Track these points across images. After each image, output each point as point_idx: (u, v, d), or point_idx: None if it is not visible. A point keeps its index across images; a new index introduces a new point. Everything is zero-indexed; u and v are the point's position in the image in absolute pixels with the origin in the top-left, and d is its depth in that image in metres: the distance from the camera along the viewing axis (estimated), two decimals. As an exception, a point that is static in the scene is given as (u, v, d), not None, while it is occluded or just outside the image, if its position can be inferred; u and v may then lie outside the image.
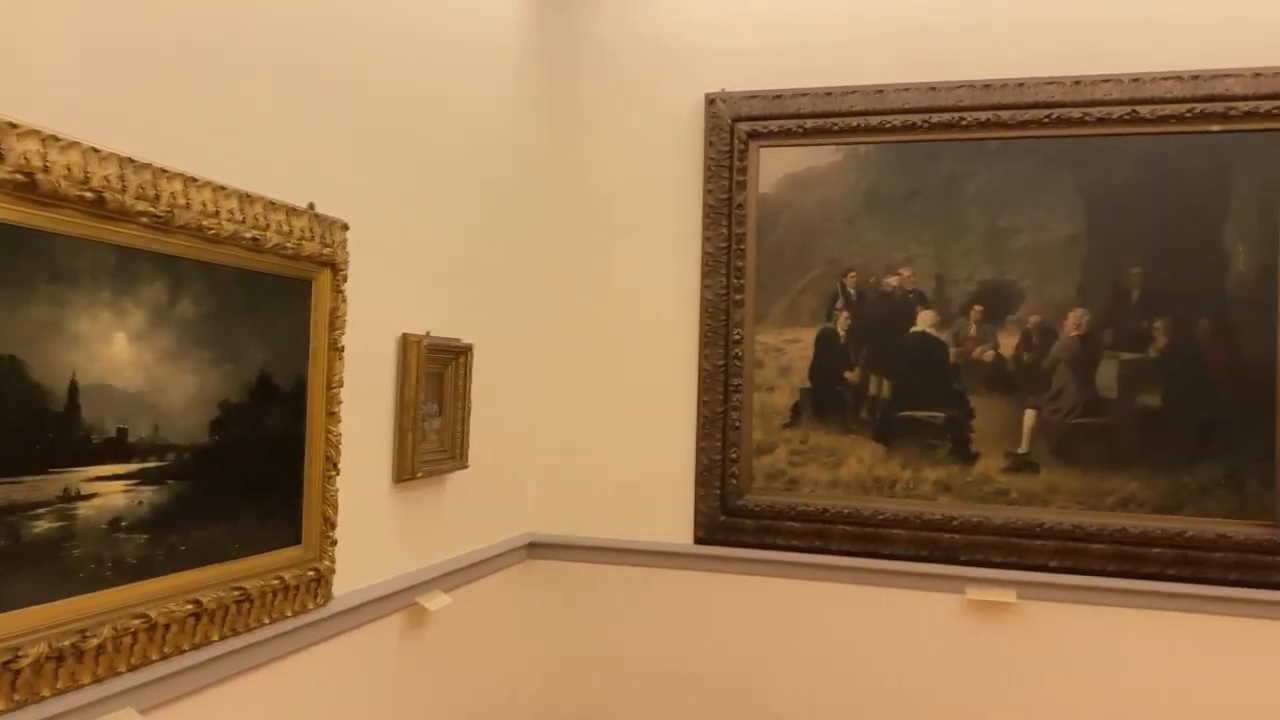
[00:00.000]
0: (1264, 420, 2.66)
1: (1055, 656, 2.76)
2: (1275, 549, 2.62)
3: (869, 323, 2.96)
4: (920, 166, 2.92)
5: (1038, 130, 2.82)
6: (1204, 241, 2.72)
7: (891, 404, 2.94)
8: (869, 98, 2.94)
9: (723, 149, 3.04)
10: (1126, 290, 2.77)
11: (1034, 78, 2.82)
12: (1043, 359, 2.82)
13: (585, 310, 3.18)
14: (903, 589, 2.89)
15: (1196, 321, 2.72)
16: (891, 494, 2.92)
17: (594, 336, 3.17)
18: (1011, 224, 2.86)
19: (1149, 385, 2.74)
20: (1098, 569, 2.73)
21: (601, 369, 3.15)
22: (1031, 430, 2.82)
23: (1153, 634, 2.70)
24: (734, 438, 3.02)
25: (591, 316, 3.17)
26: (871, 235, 2.97)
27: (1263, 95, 2.66)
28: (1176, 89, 2.72)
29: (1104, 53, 2.78)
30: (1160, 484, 2.72)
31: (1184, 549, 2.68)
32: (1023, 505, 2.81)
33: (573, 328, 3.19)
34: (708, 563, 3.04)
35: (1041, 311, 2.83)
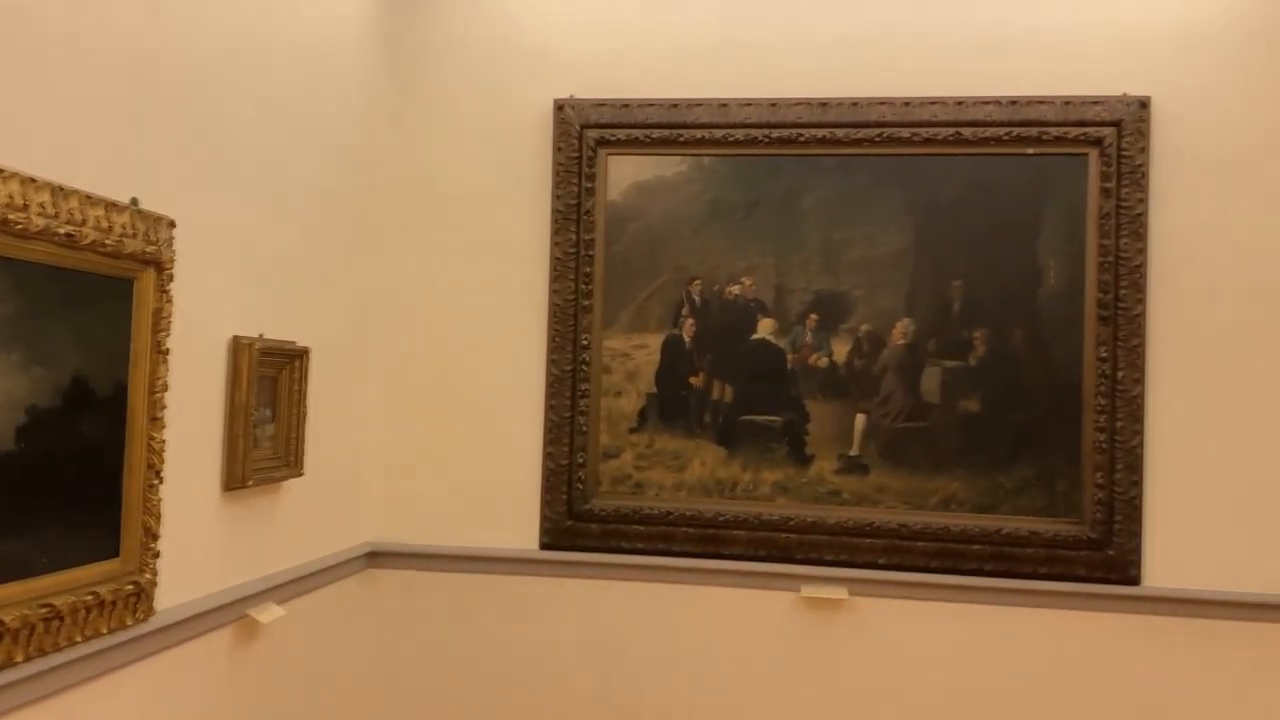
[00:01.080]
0: (1072, 424, 2.86)
1: (883, 650, 2.90)
2: (1081, 545, 2.82)
3: (713, 329, 3.04)
4: (762, 179, 3.02)
5: (870, 148, 2.95)
6: (1020, 257, 2.91)
7: (733, 408, 3.02)
8: (713, 111, 3.02)
9: (571, 155, 3.06)
10: (949, 302, 2.93)
11: (867, 98, 2.95)
12: (873, 365, 2.96)
13: (431, 314, 3.14)
14: (742, 588, 2.97)
15: (1012, 332, 2.90)
16: (733, 496, 3.00)
17: (439, 340, 3.13)
18: (846, 237, 2.98)
19: (969, 391, 2.91)
20: (922, 566, 2.88)
21: (447, 374, 3.12)
22: (862, 433, 2.95)
23: (971, 627, 2.86)
24: (581, 442, 3.04)
25: (437, 320, 3.14)
26: (716, 244, 3.04)
27: (1071, 122, 2.87)
28: (996, 113, 2.90)
29: (932, 76, 2.94)
30: (979, 484, 2.89)
31: (1000, 546, 2.85)
32: (854, 505, 2.93)
33: (417, 331, 3.14)
34: (554, 568, 3.05)
35: (872, 320, 2.96)
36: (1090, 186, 2.86)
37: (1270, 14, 2.82)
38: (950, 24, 2.95)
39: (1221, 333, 2.81)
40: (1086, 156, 2.86)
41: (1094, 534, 2.81)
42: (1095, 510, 2.81)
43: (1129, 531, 2.79)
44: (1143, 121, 2.83)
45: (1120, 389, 2.81)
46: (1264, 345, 2.79)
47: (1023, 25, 2.92)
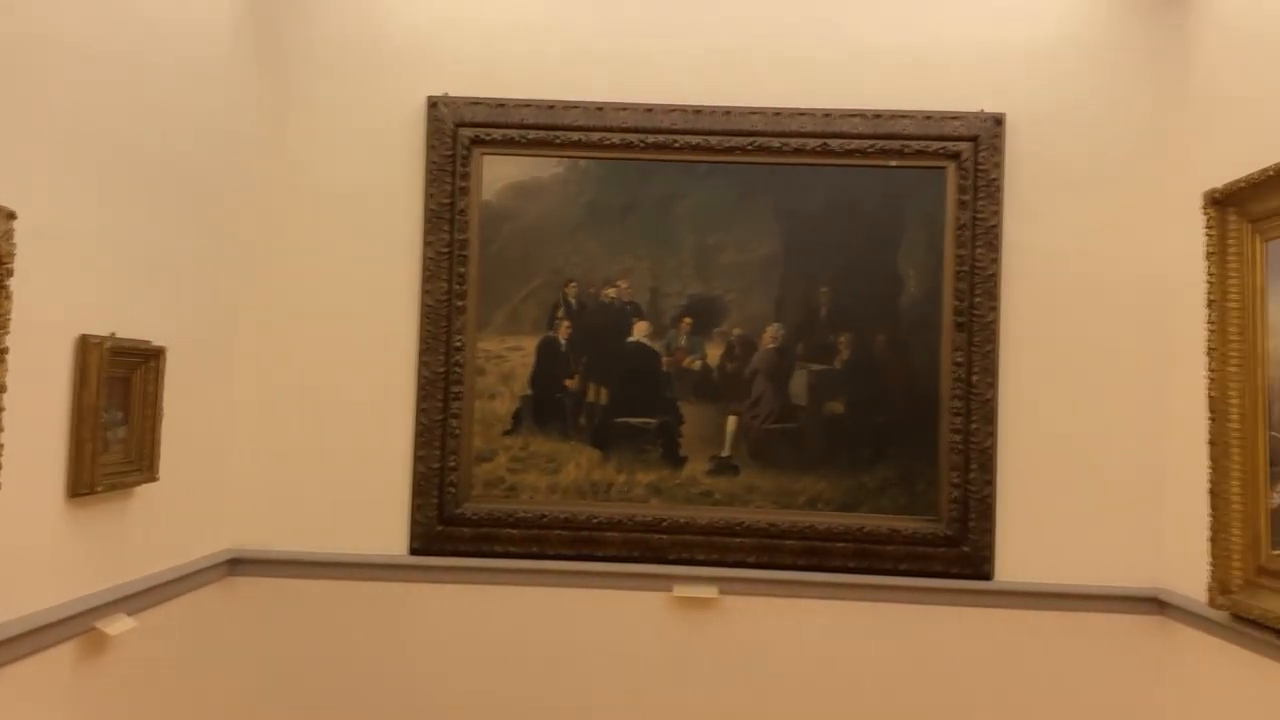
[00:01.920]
0: (929, 426, 2.98)
1: (752, 647, 2.96)
2: (937, 541, 2.95)
3: (589, 332, 3.04)
4: (637, 183, 3.05)
5: (742, 156, 3.02)
6: (882, 266, 3.02)
7: (609, 411, 3.04)
8: (590, 114, 3.03)
9: (445, 153, 3.02)
10: (816, 307, 3.02)
11: (740, 107, 3.02)
12: (744, 369, 3.02)
13: (298, 313, 3.05)
14: (616, 589, 2.99)
15: (875, 337, 3.01)
16: (607, 498, 3.01)
17: (307, 340, 3.04)
18: (719, 242, 3.04)
19: (834, 394, 3.01)
20: (789, 564, 2.96)
21: (314, 375, 3.03)
22: (733, 435, 3.01)
23: (835, 622, 2.96)
24: (453, 445, 3.00)
25: (305, 320, 3.05)
26: (592, 247, 3.05)
27: (931, 136, 2.99)
28: (861, 126, 3.00)
29: (801, 88, 3.03)
30: (843, 484, 2.99)
31: (863, 543, 2.95)
32: (725, 505, 2.99)
33: (284, 331, 3.04)
34: (424, 573, 3.00)
35: (743, 325, 3.03)
36: (948, 199, 2.99)
37: (1109, 36, 3.01)
38: (818, 38, 3.04)
39: (1066, 338, 2.98)
40: (945, 170, 3.00)
41: (950, 531, 2.94)
42: (951, 508, 2.94)
43: (982, 529, 2.93)
44: (997, 137, 2.98)
45: (974, 392, 2.95)
46: (1103, 350, 2.97)
47: (887, 42, 3.03)
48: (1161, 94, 2.98)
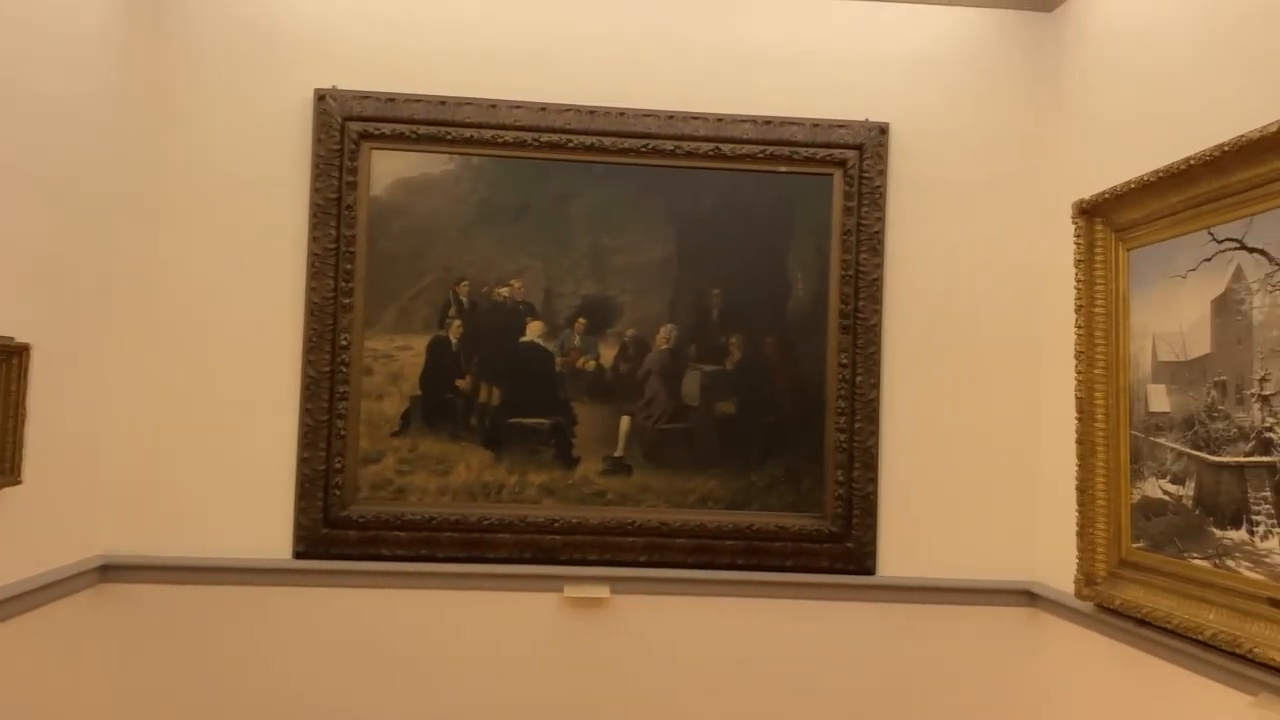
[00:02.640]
0: (816, 425, 3.05)
1: (644, 645, 2.98)
2: (822, 538, 3.02)
3: (481, 332, 3.01)
4: (531, 182, 3.03)
5: (636, 158, 3.04)
6: (772, 269, 3.08)
7: (501, 411, 3.01)
8: (483, 111, 3.00)
9: (332, 147, 2.95)
10: (708, 309, 3.06)
11: (634, 109, 3.03)
12: (637, 369, 3.04)
13: (176, 311, 2.93)
14: (507, 591, 2.97)
15: (765, 339, 3.06)
16: (498, 499, 2.99)
17: (186, 338, 2.93)
18: (613, 243, 3.05)
19: (725, 394, 3.05)
20: (680, 562, 2.99)
21: (192, 374, 2.92)
22: (627, 435, 3.03)
23: (725, 618, 3.00)
24: (339, 447, 2.94)
25: (184, 317, 2.93)
26: (484, 246, 3.02)
27: (819, 143, 3.06)
28: (752, 131, 3.05)
29: (694, 93, 3.06)
30: (733, 483, 3.03)
31: (751, 540, 3.00)
32: (617, 505, 3.00)
33: (161, 329, 2.92)
34: (309, 577, 2.92)
35: (637, 326, 3.04)
36: (835, 205, 3.07)
37: (989, 52, 3.13)
38: (712, 43, 3.08)
39: (945, 340, 3.09)
40: (832, 176, 3.07)
41: (835, 528, 3.01)
42: (836, 505, 3.02)
43: (865, 525, 3.02)
44: (881, 146, 3.07)
45: (859, 393, 3.03)
46: (980, 352, 3.09)
47: (778, 49, 3.09)
48: (1037, 108, 3.12)
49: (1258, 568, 2.08)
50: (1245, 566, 2.12)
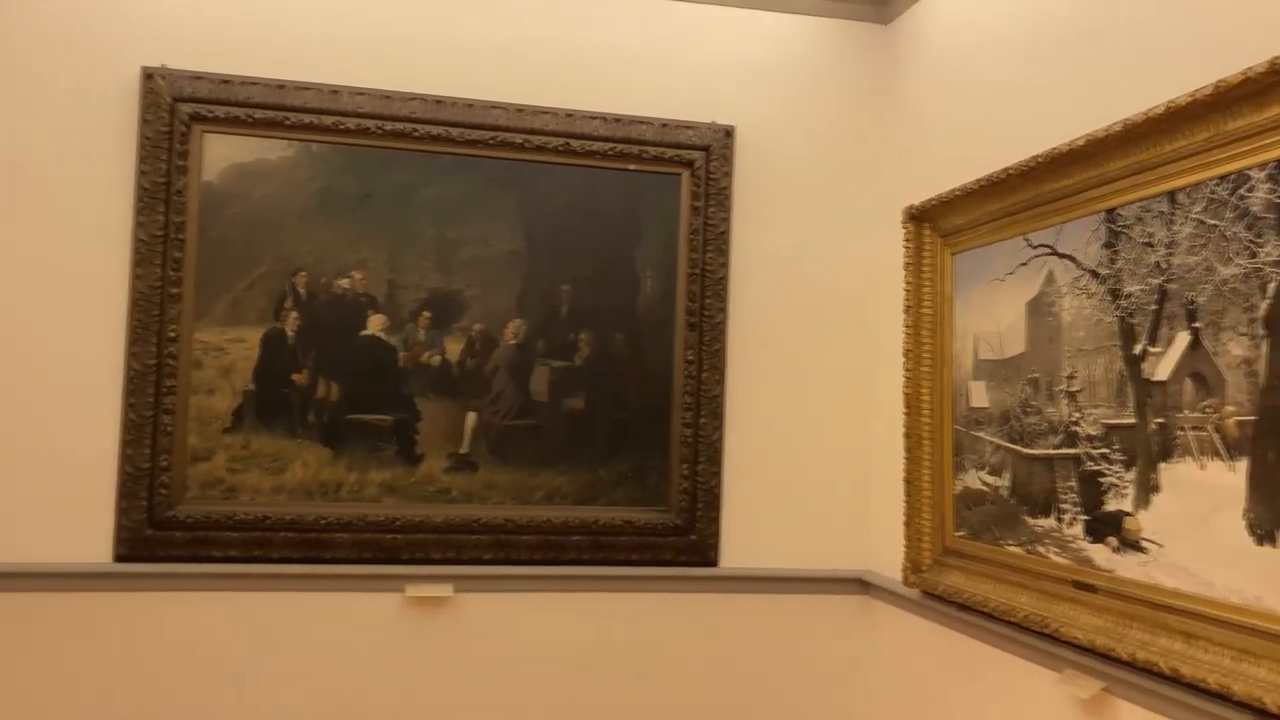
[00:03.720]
0: (663, 421, 3.09)
1: (489, 643, 2.95)
2: (667, 531, 3.06)
3: (319, 325, 2.92)
4: (375, 171, 2.95)
5: (484, 150, 3.00)
6: (621, 266, 3.10)
7: (340, 407, 2.92)
8: (324, 96, 2.90)
9: (161, 129, 2.80)
10: (558, 305, 3.05)
11: (483, 100, 3.00)
12: (484, 365, 3.00)
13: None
14: (346, 592, 2.89)
15: (614, 335, 3.08)
16: (337, 498, 2.90)
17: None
18: (460, 236, 3.00)
19: (574, 390, 3.05)
20: (526, 559, 2.97)
21: (3, 366, 2.71)
22: (473, 431, 2.99)
23: (571, 614, 3.00)
24: (165, 444, 2.79)
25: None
26: (324, 236, 2.93)
27: (667, 143, 3.10)
28: (602, 128, 3.07)
29: (545, 87, 3.05)
30: (581, 478, 3.04)
31: (597, 535, 3.02)
32: (462, 503, 2.96)
33: (-38, 317, 2.71)
34: (132, 581, 2.76)
35: (484, 320, 3.01)
36: (682, 204, 3.11)
37: (830, 60, 3.24)
38: (564, 39, 3.08)
39: (787, 339, 3.18)
40: (680, 176, 3.12)
41: (679, 521, 3.06)
42: (681, 499, 3.07)
43: (709, 518, 3.08)
44: (727, 148, 3.13)
45: (704, 389, 3.09)
46: (819, 350, 3.20)
47: (630, 48, 3.12)
48: (873, 116, 3.25)
49: (1064, 553, 2.23)
50: (1054, 552, 2.26)
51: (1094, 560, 2.12)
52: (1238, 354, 1.78)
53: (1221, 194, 1.82)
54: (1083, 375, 2.19)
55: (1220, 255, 1.82)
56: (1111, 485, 2.08)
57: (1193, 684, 1.80)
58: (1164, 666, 1.87)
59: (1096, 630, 2.07)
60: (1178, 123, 1.90)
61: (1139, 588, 1.98)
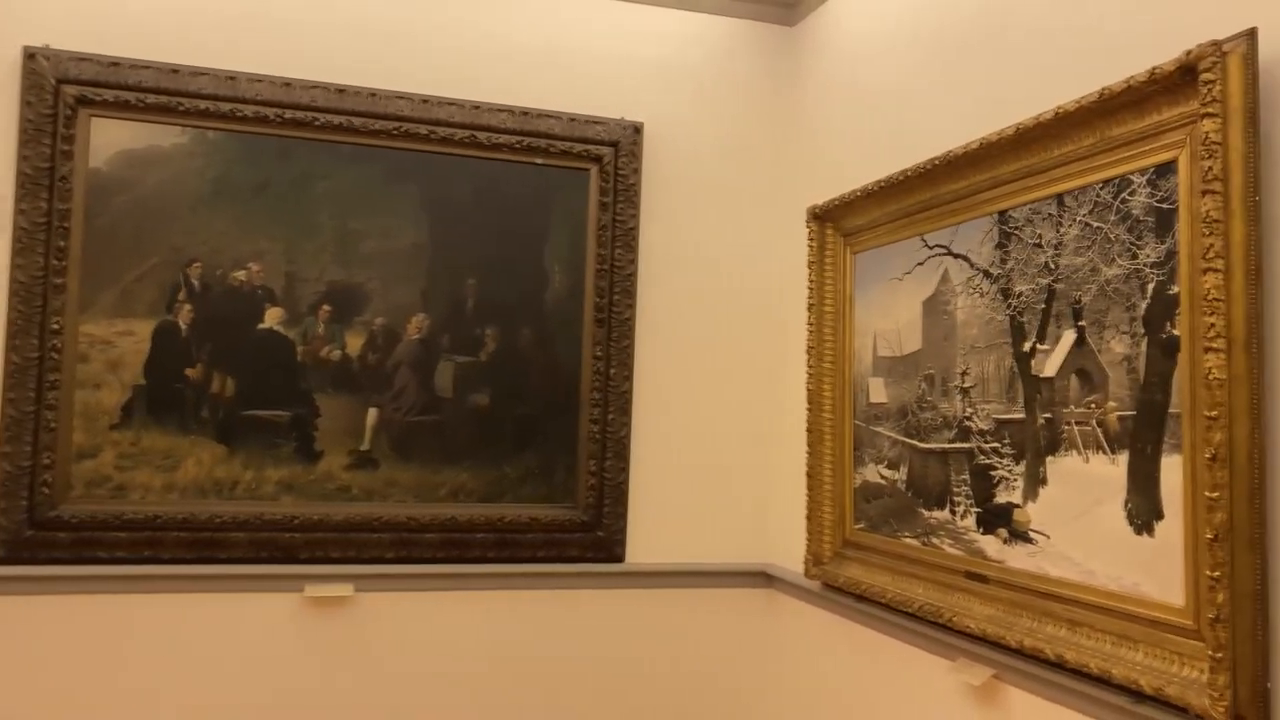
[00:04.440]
0: (570, 417, 3.08)
1: (391, 643, 2.90)
2: (574, 528, 3.05)
3: (214, 317, 2.83)
4: (273, 160, 2.87)
5: (388, 140, 2.94)
6: (529, 260, 3.08)
7: (235, 403, 2.84)
8: (220, 82, 2.81)
9: (44, 112, 2.67)
10: (463, 299, 3.01)
11: (386, 90, 2.94)
12: (386, 360, 2.95)
13: None
14: (242, 592, 2.80)
15: (521, 330, 3.06)
16: (232, 496, 2.81)
17: None
18: (362, 228, 2.94)
19: (480, 386, 3.02)
20: (429, 557, 2.93)
21: None
22: (374, 428, 2.93)
23: (476, 612, 2.97)
24: (48, 441, 2.66)
25: None
26: (219, 225, 2.84)
27: (575, 138, 3.09)
28: (509, 121, 3.04)
29: (450, 78, 3.00)
30: (486, 475, 3.01)
31: (503, 533, 2.99)
32: (363, 501, 2.90)
33: None
34: (11, 584, 2.63)
35: (387, 314, 2.95)
36: (590, 200, 3.11)
37: (738, 60, 3.28)
38: (471, 30, 3.04)
39: (694, 335, 3.21)
40: (588, 172, 3.11)
41: (586, 517, 3.06)
42: (588, 496, 3.06)
43: (616, 514, 3.08)
44: (636, 144, 3.13)
45: (612, 384, 3.09)
46: (725, 347, 3.23)
47: (538, 42, 3.10)
48: (779, 116, 3.29)
49: (957, 544, 2.29)
50: (948, 543, 2.33)
51: (985, 551, 2.19)
52: (1119, 351, 1.85)
53: (1105, 197, 1.90)
54: (975, 372, 2.26)
55: (1104, 256, 1.89)
56: (1002, 478, 2.15)
57: (1076, 669, 1.87)
58: (1050, 653, 1.94)
59: (987, 619, 2.14)
60: (1066, 128, 1.97)
61: (1027, 577, 2.05)
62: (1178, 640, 1.69)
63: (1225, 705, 1.55)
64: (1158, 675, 1.70)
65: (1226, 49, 1.61)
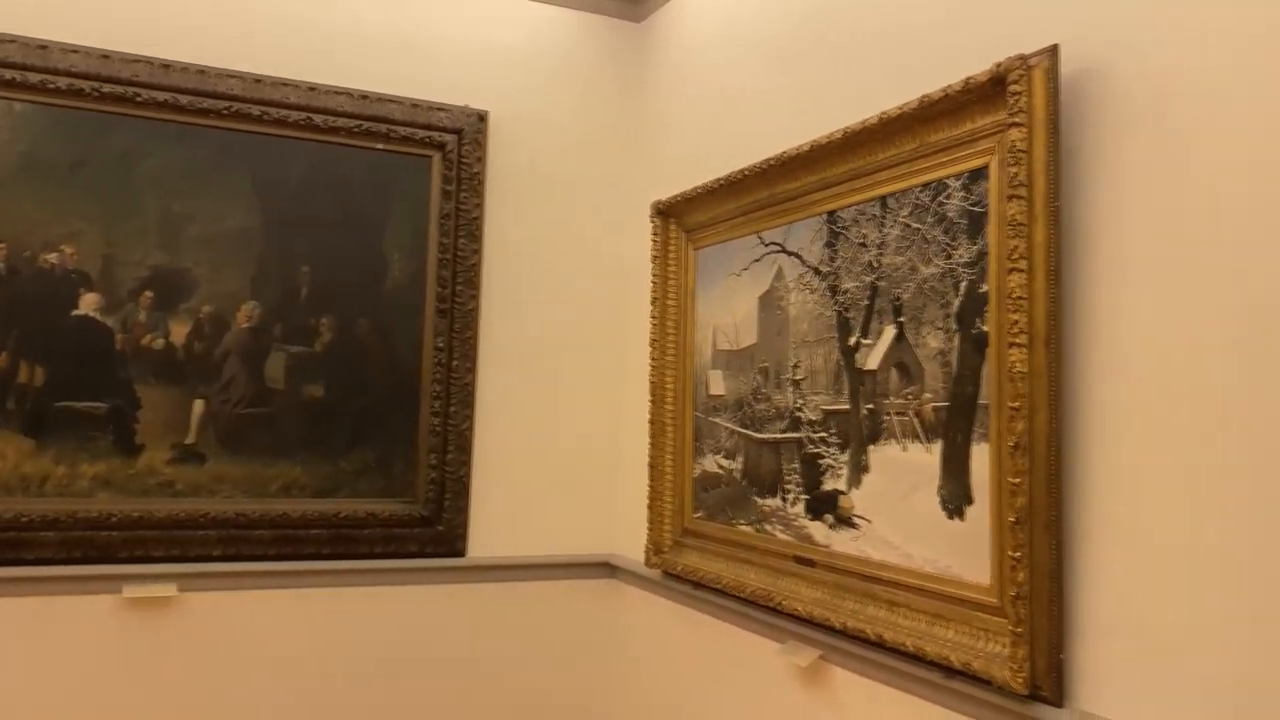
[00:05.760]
0: (410, 409, 3.03)
1: (220, 644, 2.77)
2: (413, 522, 3.00)
3: (21, 303, 2.63)
4: (90, 137, 2.70)
5: (217, 120, 2.81)
6: (368, 249, 3.00)
7: (46, 394, 2.65)
8: (30, 51, 2.62)
9: None
10: (297, 287, 2.91)
11: (216, 68, 2.81)
12: (214, 349, 2.82)
13: None
14: (53, 595, 2.63)
15: (358, 320, 2.98)
16: (42, 493, 2.63)
17: None
18: (188, 210, 2.80)
19: (314, 377, 2.93)
20: (260, 555, 2.82)
21: None
22: (200, 420, 2.80)
23: (311, 610, 2.88)
24: None
25: None
26: (28, 205, 2.65)
27: (418, 124, 3.03)
28: (348, 104, 2.95)
29: (286, 58, 2.89)
30: (321, 469, 2.92)
31: (338, 528, 2.91)
32: (188, 497, 2.76)
33: None
34: None
35: (214, 302, 2.82)
36: (433, 188, 3.05)
37: (585, 53, 3.29)
38: (308, 9, 2.94)
39: (539, 327, 3.20)
40: (431, 159, 3.05)
41: (426, 512, 3.01)
42: (428, 490, 3.01)
43: (457, 508, 3.04)
44: (480, 133, 3.10)
45: (454, 377, 3.05)
46: (571, 339, 3.25)
47: (380, 24, 3.02)
48: (625, 111, 3.32)
49: (788, 530, 2.37)
50: (779, 530, 2.41)
51: (814, 536, 2.28)
52: (935, 346, 1.96)
53: (925, 200, 2.00)
54: (806, 365, 2.35)
55: (922, 256, 2.00)
56: (829, 467, 2.24)
57: (894, 648, 1.97)
58: (870, 633, 2.03)
59: (814, 602, 2.22)
60: (889, 133, 2.07)
61: (851, 561, 2.15)
62: (984, 617, 1.80)
63: (1024, 676, 1.67)
64: (966, 651, 1.82)
65: (1032, 63, 1.72)
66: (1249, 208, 1.43)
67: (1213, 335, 1.47)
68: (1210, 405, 1.46)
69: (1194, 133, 1.52)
